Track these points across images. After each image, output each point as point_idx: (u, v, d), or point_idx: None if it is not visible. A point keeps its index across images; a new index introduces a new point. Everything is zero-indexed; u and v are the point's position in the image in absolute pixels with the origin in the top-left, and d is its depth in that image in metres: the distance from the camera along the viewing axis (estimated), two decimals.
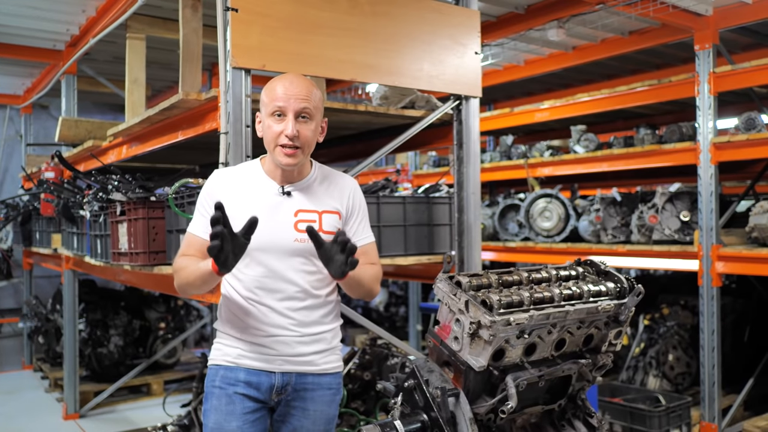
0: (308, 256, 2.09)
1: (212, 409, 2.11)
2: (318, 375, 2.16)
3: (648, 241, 4.96)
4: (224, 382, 2.11)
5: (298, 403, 2.15)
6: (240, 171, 2.17)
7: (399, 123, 3.51)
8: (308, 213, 2.11)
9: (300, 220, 2.09)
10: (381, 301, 8.33)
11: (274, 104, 2.04)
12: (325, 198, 2.16)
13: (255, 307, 2.09)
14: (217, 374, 2.13)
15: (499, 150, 6.36)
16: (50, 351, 6.68)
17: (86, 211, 3.85)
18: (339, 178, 2.23)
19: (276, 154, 2.06)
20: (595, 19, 4.65)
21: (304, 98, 2.04)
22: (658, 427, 4.16)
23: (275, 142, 2.05)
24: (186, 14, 3.34)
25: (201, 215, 2.11)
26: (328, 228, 2.12)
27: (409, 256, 3.44)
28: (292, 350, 2.11)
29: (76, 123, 4.80)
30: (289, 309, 2.10)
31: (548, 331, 1.85)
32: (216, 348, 2.18)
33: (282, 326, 2.09)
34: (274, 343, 2.09)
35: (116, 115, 8.11)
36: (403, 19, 3.14)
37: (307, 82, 2.10)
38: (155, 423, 4.31)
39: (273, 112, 2.04)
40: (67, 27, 4.96)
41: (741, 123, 4.56)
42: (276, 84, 2.07)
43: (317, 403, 2.16)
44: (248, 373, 2.10)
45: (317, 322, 2.15)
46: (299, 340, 2.11)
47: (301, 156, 2.07)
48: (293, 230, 2.08)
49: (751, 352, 5.30)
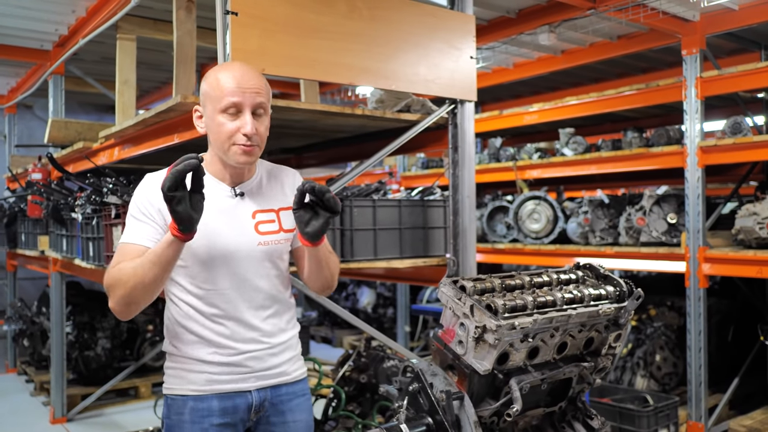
0: (273, 259, 1.98)
1: None
2: (290, 384, 2.06)
3: (636, 243, 5.03)
4: (196, 415, 1.91)
5: (276, 418, 2.03)
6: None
7: (395, 126, 3.52)
8: (266, 213, 1.98)
9: (259, 221, 1.95)
10: (369, 303, 8.34)
11: (226, 99, 1.82)
12: (278, 194, 2.03)
13: (221, 324, 1.91)
14: (185, 406, 1.92)
15: (488, 152, 6.40)
16: (35, 354, 6.61)
17: (78, 214, 3.82)
18: (282, 171, 2.09)
19: (231, 153, 1.86)
20: (585, 24, 4.70)
21: (258, 91, 1.86)
22: (647, 427, 4.22)
23: (230, 140, 1.85)
24: (180, 16, 3.33)
25: (138, 221, 1.85)
26: (288, 225, 2.00)
27: (404, 259, 3.46)
28: (264, 364, 1.98)
29: (66, 124, 4.76)
30: (258, 319, 1.96)
31: (551, 334, 1.88)
32: (175, 375, 1.96)
33: (253, 340, 1.95)
34: (247, 360, 1.94)
35: (101, 115, 8.05)
36: (400, 24, 3.16)
37: (257, 72, 1.92)
38: (143, 426, 4.29)
39: (225, 108, 1.83)
40: (56, 27, 4.92)
41: (727, 127, 4.64)
42: (224, 75, 1.86)
43: (295, 412, 2.06)
44: (221, 399, 1.93)
45: (283, 329, 2.03)
46: (270, 352, 1.99)
47: (257, 153, 1.91)
48: (255, 233, 1.94)
49: (736, 352, 5.39)
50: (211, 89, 1.87)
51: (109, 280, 1.76)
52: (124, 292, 1.72)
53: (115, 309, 1.77)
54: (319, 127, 3.58)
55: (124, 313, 1.77)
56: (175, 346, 1.95)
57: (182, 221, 1.62)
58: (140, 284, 1.70)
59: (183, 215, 1.61)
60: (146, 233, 1.83)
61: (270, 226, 1.97)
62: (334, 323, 8.52)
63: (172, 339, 1.96)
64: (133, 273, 1.70)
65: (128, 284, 1.71)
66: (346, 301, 8.58)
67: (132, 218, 1.87)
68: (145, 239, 1.83)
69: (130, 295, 1.72)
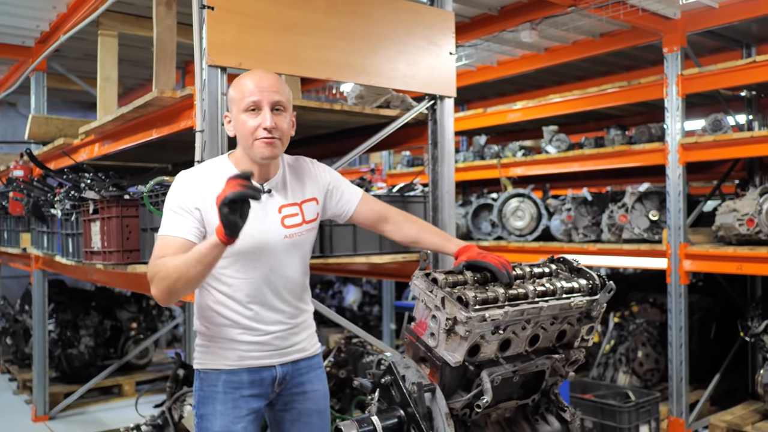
0: (297, 248, 2.17)
1: (218, 414, 2.11)
2: (308, 358, 2.27)
3: (618, 239, 5.05)
4: (228, 386, 2.13)
5: (297, 389, 2.24)
6: (210, 172, 2.10)
7: (374, 122, 3.52)
8: (290, 207, 2.16)
9: (285, 216, 2.14)
10: (355, 301, 8.35)
11: (247, 99, 2.03)
12: (302, 188, 2.21)
13: (249, 308, 2.11)
14: (218, 379, 2.13)
15: (473, 150, 6.42)
16: (18, 352, 6.57)
17: (57, 210, 3.80)
18: (301, 164, 2.26)
19: (254, 148, 2.04)
20: (566, 21, 4.72)
21: (276, 91, 2.05)
22: (628, 423, 4.24)
23: (252, 136, 2.03)
24: (160, 12, 3.31)
25: (178, 215, 2.01)
26: (309, 217, 2.20)
27: (384, 255, 3.46)
28: (287, 342, 2.19)
29: (46, 120, 4.72)
30: (283, 303, 2.16)
31: (522, 327, 1.89)
32: (208, 352, 2.15)
33: (277, 321, 2.15)
34: (272, 340, 2.15)
35: (86, 113, 7.99)
36: (379, 19, 3.16)
37: (276, 75, 2.12)
38: (127, 424, 4.26)
39: (247, 108, 2.03)
40: (37, 23, 4.88)
41: (708, 124, 4.67)
42: (245, 80, 2.07)
43: (314, 383, 2.27)
44: (251, 373, 2.14)
45: (303, 310, 2.25)
46: (292, 331, 2.20)
47: (279, 147, 2.08)
48: (281, 227, 2.13)
49: (718, 349, 5.43)
50: (235, 93, 2.08)
51: (153, 271, 1.92)
52: (168, 284, 1.87)
53: (156, 296, 1.93)
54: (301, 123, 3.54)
55: (165, 301, 1.94)
56: (207, 327, 2.15)
57: (230, 227, 1.74)
58: (184, 278, 1.85)
59: (232, 223, 1.74)
60: (185, 226, 2.00)
61: (294, 219, 2.16)
62: (321, 321, 8.51)
63: (204, 321, 2.16)
64: (177, 268, 1.85)
65: (172, 277, 1.86)
66: (332, 300, 8.58)
67: (170, 212, 2.03)
68: (184, 232, 2.00)
69: (173, 287, 1.87)
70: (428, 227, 2.32)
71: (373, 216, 2.29)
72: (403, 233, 2.28)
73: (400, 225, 2.28)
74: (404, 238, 2.29)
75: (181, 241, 1.97)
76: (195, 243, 1.96)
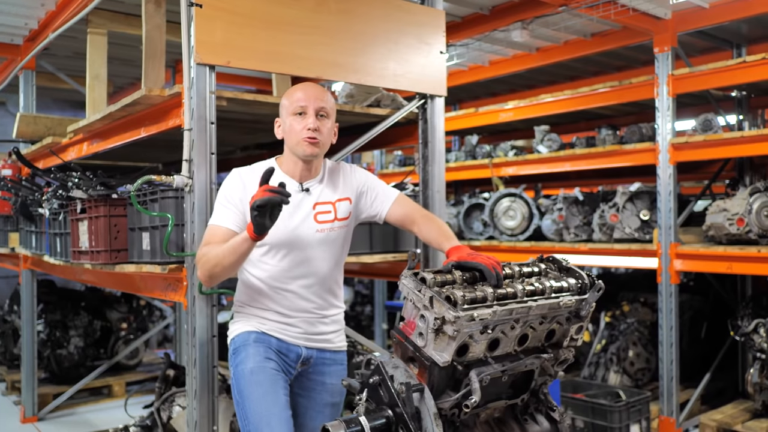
0: (328, 243, 2.37)
1: (250, 356, 2.32)
2: (334, 352, 2.47)
3: (609, 239, 5.06)
4: (259, 341, 2.34)
5: (317, 377, 2.44)
6: (256, 170, 2.34)
7: (364, 121, 3.51)
8: (324, 204, 2.38)
9: (318, 212, 2.36)
10: (347, 300, 8.33)
11: (295, 105, 2.29)
12: (337, 188, 2.42)
13: (280, 294, 2.34)
14: (250, 336, 2.35)
15: (464, 150, 6.41)
16: (7, 353, 6.52)
17: (45, 209, 3.77)
18: (341, 167, 2.49)
19: (299, 146, 2.29)
20: (558, 21, 4.72)
21: (320, 98, 2.32)
22: (619, 422, 4.24)
23: (298, 136, 2.28)
24: (149, 9, 3.29)
25: (225, 208, 2.28)
26: (342, 215, 2.40)
27: (374, 254, 3.45)
28: (314, 329, 2.40)
29: (34, 119, 4.68)
30: (313, 294, 2.37)
31: (511, 326, 1.88)
32: (244, 320, 2.39)
33: (306, 310, 2.37)
34: (299, 323, 2.37)
35: (76, 111, 7.94)
36: (369, 18, 3.14)
37: (322, 87, 2.40)
38: (116, 425, 4.23)
39: (295, 112, 2.29)
40: (25, 21, 4.83)
41: (698, 124, 4.68)
42: (296, 89, 2.35)
43: (333, 376, 2.45)
44: (279, 343, 2.37)
45: (332, 304, 2.44)
46: (320, 321, 2.41)
47: (321, 147, 2.32)
48: (314, 222, 2.34)
49: (708, 348, 5.45)
50: (286, 100, 2.35)
51: (198, 256, 2.24)
52: (209, 268, 2.18)
53: (201, 279, 2.24)
54: None
55: (208, 283, 2.24)
56: (243, 304, 2.41)
57: (258, 227, 2.02)
58: (220, 265, 2.15)
59: (260, 224, 2.01)
60: (230, 217, 2.27)
61: (327, 216, 2.37)
62: None
63: (242, 298, 2.42)
64: (216, 256, 2.15)
65: (211, 263, 2.16)
66: None
67: (220, 204, 2.31)
68: (229, 222, 2.26)
69: (213, 272, 2.18)
70: (438, 227, 2.39)
71: (403, 218, 2.47)
72: (422, 234, 2.42)
73: (420, 226, 2.42)
74: (424, 238, 2.43)
75: (224, 230, 2.24)
76: (237, 233, 2.21)
